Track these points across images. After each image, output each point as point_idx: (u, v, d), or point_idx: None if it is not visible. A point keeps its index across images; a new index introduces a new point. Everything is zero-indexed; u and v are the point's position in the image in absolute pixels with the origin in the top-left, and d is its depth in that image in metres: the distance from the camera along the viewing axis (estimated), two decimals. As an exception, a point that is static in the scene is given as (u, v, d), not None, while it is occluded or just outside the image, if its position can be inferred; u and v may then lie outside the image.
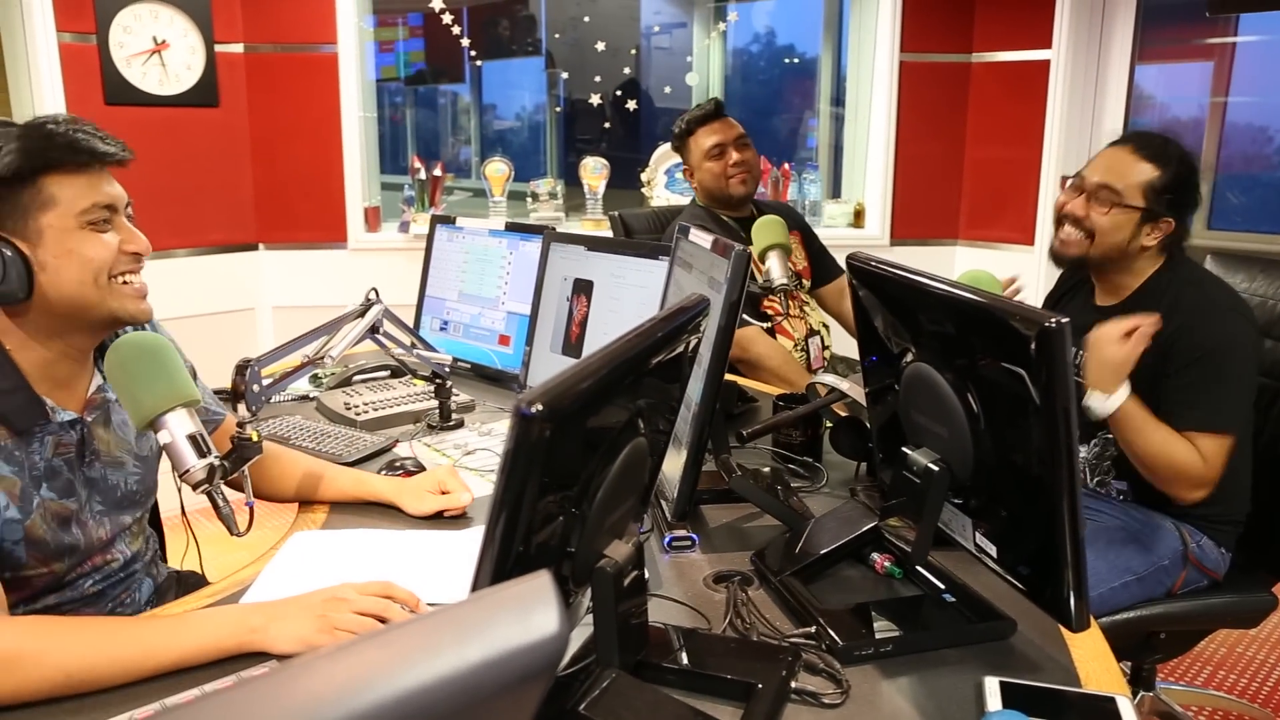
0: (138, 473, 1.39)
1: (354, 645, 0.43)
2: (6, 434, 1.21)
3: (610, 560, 0.93)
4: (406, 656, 0.43)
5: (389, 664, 0.42)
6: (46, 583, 1.28)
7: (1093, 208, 1.85)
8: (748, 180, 2.68)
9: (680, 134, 2.74)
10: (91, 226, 1.22)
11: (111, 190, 1.25)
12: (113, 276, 1.24)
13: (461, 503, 1.53)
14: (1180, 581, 1.86)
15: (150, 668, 1.06)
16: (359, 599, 1.15)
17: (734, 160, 2.66)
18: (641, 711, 0.93)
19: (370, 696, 0.40)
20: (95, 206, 1.21)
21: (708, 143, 2.67)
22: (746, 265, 1.24)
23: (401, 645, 0.44)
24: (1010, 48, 3.88)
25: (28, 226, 1.19)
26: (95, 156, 1.22)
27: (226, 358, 1.64)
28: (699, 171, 2.71)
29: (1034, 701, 0.99)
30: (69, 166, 1.20)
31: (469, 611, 0.47)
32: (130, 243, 1.26)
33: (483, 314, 2.34)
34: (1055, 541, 0.98)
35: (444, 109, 5.50)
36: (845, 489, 1.64)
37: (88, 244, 1.21)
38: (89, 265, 1.21)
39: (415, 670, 0.42)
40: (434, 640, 0.44)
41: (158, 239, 1.31)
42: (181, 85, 3.49)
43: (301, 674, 0.41)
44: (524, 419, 0.70)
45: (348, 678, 0.41)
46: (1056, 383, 0.94)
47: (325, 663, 0.42)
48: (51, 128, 1.20)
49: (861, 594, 1.26)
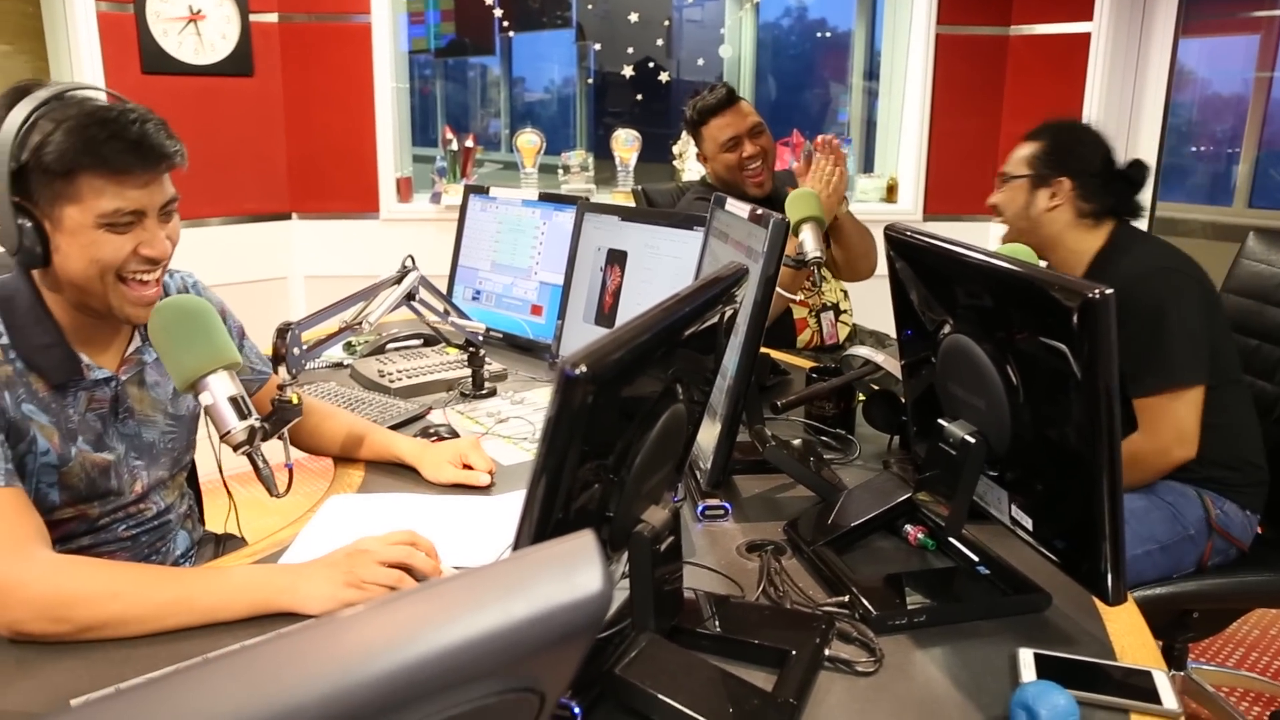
0: (172, 431, 1.43)
1: (402, 598, 0.43)
2: (44, 386, 1.25)
3: (647, 525, 0.94)
4: (454, 610, 0.43)
5: (437, 617, 0.43)
6: (79, 526, 1.32)
7: (997, 194, 2.09)
8: (764, 182, 2.62)
9: (692, 121, 2.66)
10: (109, 229, 1.21)
11: (144, 195, 1.22)
12: (121, 277, 1.25)
13: (480, 481, 1.54)
14: (1209, 552, 1.85)
15: (184, 613, 1.09)
16: (383, 549, 1.18)
17: (748, 153, 2.58)
18: (676, 675, 0.94)
19: (419, 648, 0.41)
20: (120, 212, 1.21)
21: (722, 135, 2.59)
22: (785, 234, 1.24)
23: (449, 599, 0.44)
24: (1050, 20, 3.81)
25: (53, 210, 1.20)
26: (137, 166, 1.20)
27: (259, 326, 1.66)
28: (713, 162, 2.65)
29: (1069, 673, 0.99)
30: (107, 170, 1.19)
31: (514, 568, 0.47)
32: (148, 246, 1.24)
33: (515, 284, 2.35)
34: (1093, 515, 0.98)
35: (473, 81, 5.49)
36: (878, 462, 1.64)
37: (99, 243, 1.22)
38: (95, 263, 1.22)
39: (461, 624, 0.42)
40: (480, 595, 0.45)
41: (192, 208, 1.32)
42: (217, 55, 3.50)
43: (352, 625, 0.42)
44: (568, 381, 0.71)
45: (397, 630, 0.42)
46: (1100, 355, 0.93)
47: (374, 614, 0.43)
48: (107, 129, 1.18)
49: (894, 565, 1.27)
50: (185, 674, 0.37)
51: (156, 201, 1.24)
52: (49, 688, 1.00)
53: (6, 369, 1.22)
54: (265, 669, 0.38)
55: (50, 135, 1.17)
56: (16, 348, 1.23)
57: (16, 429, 1.21)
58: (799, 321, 2.64)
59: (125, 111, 1.20)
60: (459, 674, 0.42)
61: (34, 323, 1.25)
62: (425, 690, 0.41)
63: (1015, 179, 2.03)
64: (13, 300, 1.25)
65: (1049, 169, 1.99)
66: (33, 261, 1.22)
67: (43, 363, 1.24)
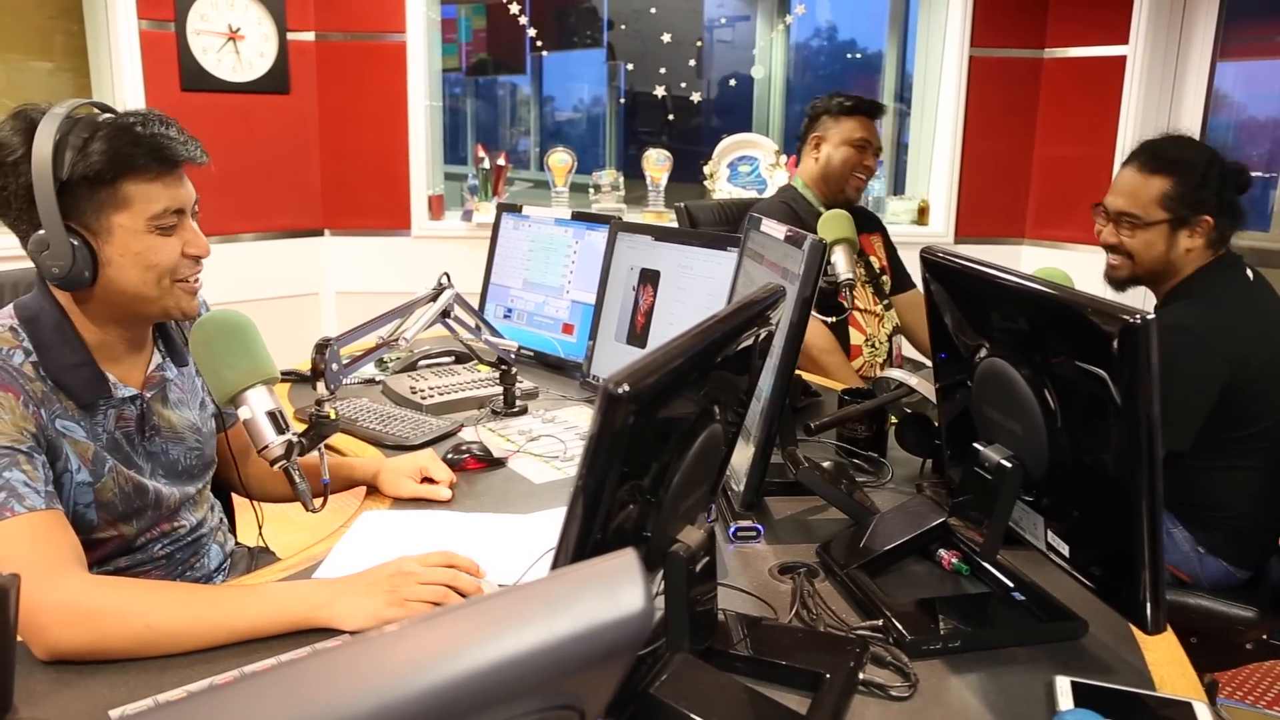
0: (197, 447, 1.44)
1: (447, 614, 0.43)
2: (73, 406, 1.25)
3: (683, 545, 0.94)
4: (498, 627, 0.43)
5: (481, 634, 0.43)
6: (117, 545, 1.33)
7: (1121, 234, 1.91)
8: (862, 189, 2.69)
9: (835, 109, 2.66)
10: (159, 231, 1.24)
11: (182, 192, 1.27)
12: (175, 279, 1.28)
13: (441, 496, 1.53)
14: None
15: (223, 632, 1.09)
16: (424, 570, 1.18)
17: (866, 163, 2.64)
18: (711, 696, 0.94)
19: (464, 665, 0.41)
20: (166, 212, 1.24)
21: (858, 133, 2.62)
22: (822, 256, 1.24)
23: (493, 616, 0.44)
24: (1085, 43, 3.80)
25: (99, 222, 1.22)
26: (173, 162, 1.24)
27: (291, 342, 1.68)
28: (834, 152, 2.63)
29: (1107, 703, 0.98)
30: (149, 172, 1.22)
31: (557, 586, 0.47)
32: (193, 246, 1.28)
33: (547, 302, 2.36)
34: (1132, 542, 0.97)
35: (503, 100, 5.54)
36: (910, 485, 1.63)
37: (153, 248, 1.24)
38: (152, 269, 1.25)
39: (505, 640, 0.43)
40: (524, 612, 0.45)
41: (227, 223, 1.35)
42: (254, 72, 3.56)
43: (398, 641, 0.42)
44: (611, 400, 0.71)
45: (442, 646, 0.42)
46: (1140, 381, 0.92)
47: (419, 630, 0.43)
48: (139, 130, 1.22)
49: (928, 590, 1.26)
50: (225, 689, 0.37)
51: (190, 199, 1.29)
52: (87, 699, 1.00)
53: (39, 385, 1.22)
54: (309, 683, 0.38)
55: (88, 147, 1.18)
56: (45, 367, 1.23)
57: (53, 447, 1.21)
58: (854, 348, 2.62)
59: (144, 117, 1.24)
60: (502, 691, 0.43)
61: (61, 342, 1.25)
62: (469, 707, 0.41)
63: (1152, 224, 1.86)
64: (37, 320, 1.25)
65: (1189, 208, 1.84)
66: (79, 283, 1.23)
67: (71, 382, 1.24)
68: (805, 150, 2.71)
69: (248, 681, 0.37)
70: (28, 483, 1.14)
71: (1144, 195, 1.86)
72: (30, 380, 1.21)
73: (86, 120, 1.21)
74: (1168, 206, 1.84)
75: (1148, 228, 1.86)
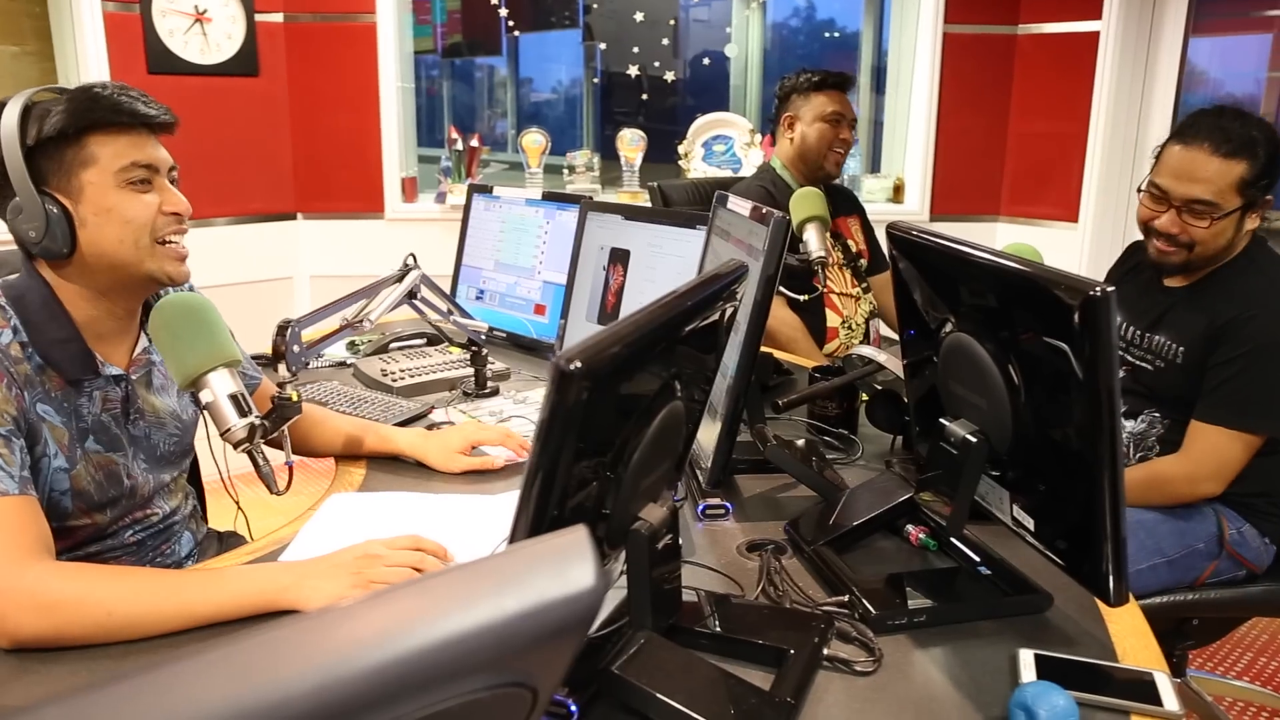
0: (177, 434, 1.43)
1: (393, 592, 0.43)
2: (59, 384, 1.24)
3: (645, 523, 0.93)
4: (444, 604, 0.43)
5: (427, 611, 0.42)
6: (90, 533, 1.32)
7: (1188, 222, 1.73)
8: (841, 164, 2.65)
9: (803, 86, 2.62)
10: (131, 186, 1.24)
11: (154, 153, 1.27)
12: (155, 240, 1.27)
13: (495, 464, 1.55)
14: (1209, 571, 1.82)
15: (185, 617, 1.09)
16: (391, 553, 1.18)
17: (844, 136, 2.61)
18: (674, 673, 0.94)
19: (409, 642, 0.41)
20: (134, 165, 1.24)
21: (830, 106, 2.59)
22: (785, 232, 1.23)
23: (439, 593, 0.44)
24: (1058, 18, 3.80)
25: (70, 183, 1.22)
26: (137, 117, 1.25)
27: (265, 325, 1.65)
28: (808, 130, 2.60)
29: (1069, 674, 0.98)
30: (112, 127, 1.23)
31: (506, 562, 0.47)
32: (170, 204, 1.28)
33: (519, 283, 2.35)
34: (1095, 516, 0.97)
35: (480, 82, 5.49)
36: (880, 462, 1.64)
37: (127, 203, 1.24)
38: (129, 225, 1.24)
39: (453, 618, 0.42)
40: (471, 589, 0.45)
41: (198, 207, 1.33)
42: (222, 55, 3.51)
43: (342, 619, 0.42)
44: (562, 376, 0.71)
45: (387, 623, 0.41)
46: (1100, 355, 0.92)
47: (364, 608, 0.43)
48: (98, 91, 1.23)
49: (895, 565, 1.26)
50: (173, 666, 0.36)
51: (164, 161, 1.29)
52: (48, 684, 1.00)
53: (25, 367, 1.21)
54: (254, 661, 0.38)
55: (50, 112, 1.20)
56: (34, 344, 1.22)
57: (33, 431, 1.21)
58: (830, 330, 2.62)
59: (105, 84, 1.26)
60: (450, 668, 0.42)
61: (49, 318, 1.24)
62: (416, 684, 0.41)
63: (1230, 213, 1.71)
64: (24, 298, 1.25)
65: (1260, 190, 1.71)
66: (57, 251, 1.22)
67: (59, 358, 1.24)
68: (780, 131, 2.68)
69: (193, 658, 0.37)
70: (3, 467, 1.13)
71: (1221, 181, 1.69)
72: (16, 362, 1.20)
73: (52, 96, 1.23)
74: (1244, 192, 1.70)
75: (1225, 217, 1.70)
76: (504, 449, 1.60)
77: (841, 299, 2.64)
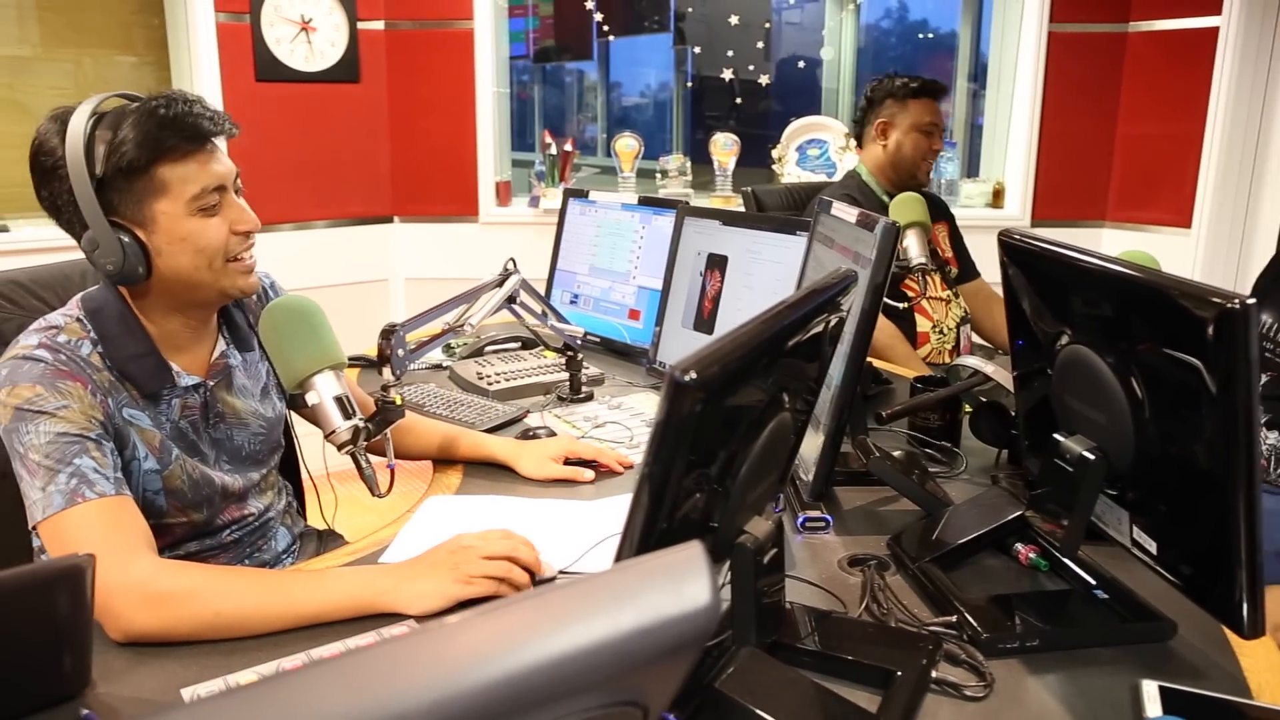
0: (262, 432, 1.45)
1: (508, 605, 0.42)
2: (138, 396, 1.27)
3: (751, 536, 0.91)
4: (562, 620, 0.43)
5: (545, 626, 0.42)
6: (187, 531, 1.35)
7: None
8: (930, 171, 2.64)
9: (900, 92, 2.60)
10: (203, 212, 1.25)
11: (219, 169, 1.26)
12: (227, 259, 1.28)
13: (584, 477, 1.55)
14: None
15: (289, 617, 1.10)
16: (484, 544, 1.18)
17: (935, 146, 2.59)
18: (778, 692, 0.92)
19: (526, 658, 0.40)
20: (205, 191, 1.24)
21: (927, 116, 2.57)
22: (895, 239, 1.20)
23: (556, 608, 0.43)
24: (1174, 14, 3.64)
25: (143, 214, 1.23)
26: (204, 138, 1.24)
27: (361, 327, 1.69)
28: (904, 138, 2.58)
29: (1198, 710, 0.93)
30: (181, 153, 1.22)
31: (622, 578, 0.46)
32: (240, 222, 1.28)
33: (613, 288, 2.35)
34: (1227, 540, 0.91)
35: (570, 86, 5.54)
36: (984, 476, 1.58)
37: (200, 230, 1.24)
38: (203, 252, 1.25)
39: (570, 634, 0.42)
40: (588, 605, 0.44)
41: (298, 210, 1.36)
42: (326, 62, 3.61)
43: (460, 632, 0.42)
44: (678, 387, 0.69)
45: (505, 638, 0.41)
46: (1238, 371, 0.87)
47: (483, 622, 0.42)
48: (163, 112, 1.21)
49: (1004, 585, 1.21)
50: (294, 676, 0.37)
51: (230, 172, 1.28)
52: (161, 676, 1.02)
53: (106, 375, 1.24)
54: (374, 673, 0.38)
55: (117, 137, 1.19)
56: (110, 358, 1.25)
57: (120, 435, 1.23)
58: (920, 335, 2.57)
59: (168, 98, 1.23)
60: (565, 686, 0.42)
61: (125, 333, 1.26)
62: (531, 701, 0.40)
63: None
64: (102, 311, 1.27)
65: None
66: (135, 278, 1.24)
67: (135, 372, 1.26)
68: (870, 136, 2.63)
69: (314, 668, 0.37)
70: (98, 469, 1.16)
71: None
72: (98, 370, 1.23)
73: (113, 113, 1.22)
74: None
75: None
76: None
77: (932, 303, 2.58)
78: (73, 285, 1.63)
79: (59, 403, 1.17)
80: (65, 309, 1.29)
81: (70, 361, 1.21)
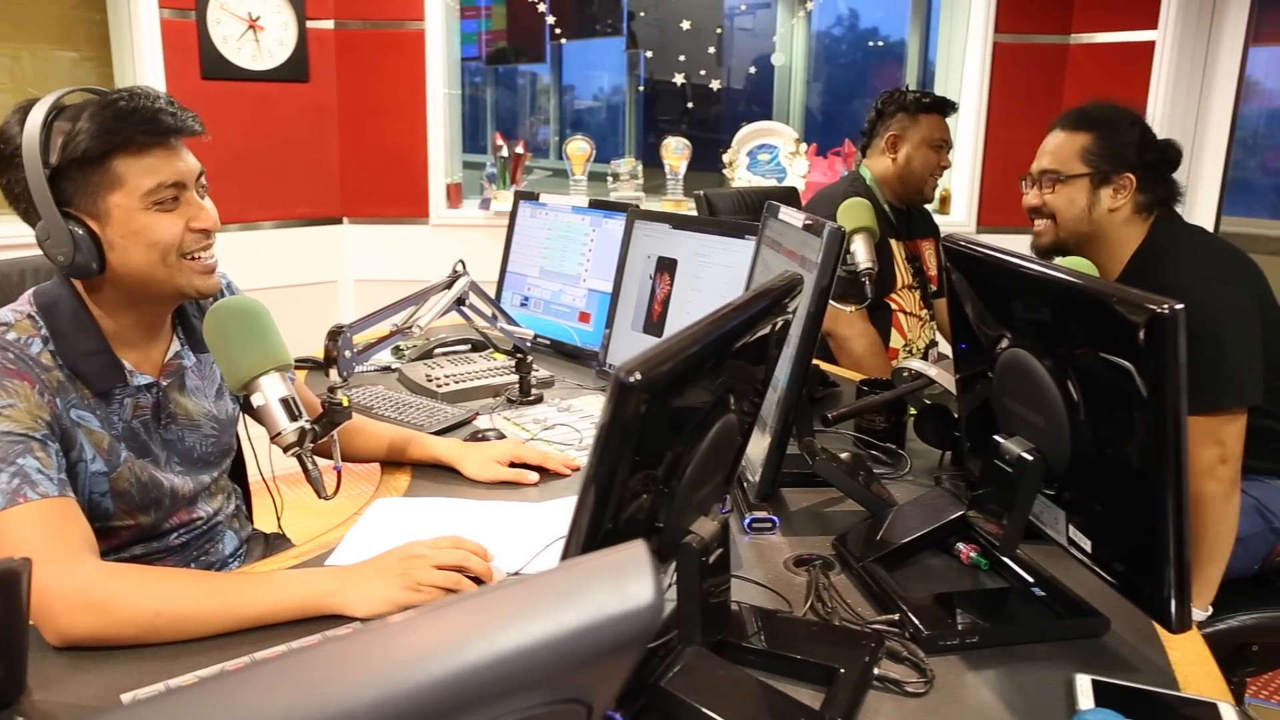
0: (214, 435, 1.43)
1: (452, 604, 0.43)
2: (88, 394, 1.25)
3: (696, 537, 0.92)
4: (504, 618, 0.43)
5: (487, 625, 0.42)
6: (134, 534, 1.33)
7: (1044, 194, 1.91)
8: (935, 188, 2.67)
9: (912, 106, 2.60)
10: (158, 207, 1.22)
11: (180, 166, 1.24)
12: (182, 255, 1.26)
13: (528, 479, 1.55)
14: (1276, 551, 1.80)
15: (232, 619, 1.09)
16: (435, 553, 1.17)
17: (945, 163, 2.61)
18: (722, 689, 0.92)
19: (469, 656, 0.40)
20: (161, 186, 1.22)
21: (937, 133, 2.58)
22: (840, 243, 1.22)
23: (499, 607, 0.44)
24: (1113, 28, 3.74)
25: (97, 205, 1.21)
26: (163, 132, 1.22)
27: (309, 329, 1.67)
28: (914, 153, 2.58)
29: (1129, 702, 0.96)
30: (137, 145, 1.20)
31: (565, 577, 0.47)
32: (198, 219, 1.26)
33: (564, 290, 2.35)
34: (1157, 538, 0.94)
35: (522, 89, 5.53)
36: (928, 477, 1.61)
37: (154, 225, 1.22)
38: (156, 246, 1.23)
39: (513, 632, 0.42)
40: (531, 604, 0.44)
41: (246, 211, 1.34)
42: (274, 60, 3.56)
43: (402, 631, 0.42)
44: (623, 388, 0.70)
45: (448, 636, 0.41)
46: (1167, 374, 0.90)
47: (426, 620, 0.42)
48: (123, 105, 1.20)
49: (945, 584, 1.24)
50: (235, 675, 0.36)
51: (192, 170, 1.26)
52: (99, 682, 1.01)
53: (56, 374, 1.22)
54: (316, 672, 0.38)
55: (74, 129, 1.17)
56: (62, 355, 1.23)
57: (67, 436, 1.21)
58: (890, 350, 2.58)
59: (130, 93, 1.21)
60: (508, 683, 0.42)
61: (78, 329, 1.24)
62: (474, 699, 0.41)
63: (1073, 178, 1.87)
64: (55, 307, 1.25)
65: (1109, 164, 1.85)
66: (87, 271, 1.22)
67: (87, 369, 1.24)
68: (878, 148, 2.64)
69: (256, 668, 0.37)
70: (41, 470, 1.14)
71: (1065, 151, 1.88)
72: (47, 369, 1.21)
73: (75, 106, 1.20)
74: (1088, 161, 1.86)
75: (1068, 182, 1.87)
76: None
77: (908, 319, 2.61)
78: (12, 285, 1.59)
79: (4, 401, 1.15)
80: (16, 304, 1.26)
81: (19, 360, 1.19)
